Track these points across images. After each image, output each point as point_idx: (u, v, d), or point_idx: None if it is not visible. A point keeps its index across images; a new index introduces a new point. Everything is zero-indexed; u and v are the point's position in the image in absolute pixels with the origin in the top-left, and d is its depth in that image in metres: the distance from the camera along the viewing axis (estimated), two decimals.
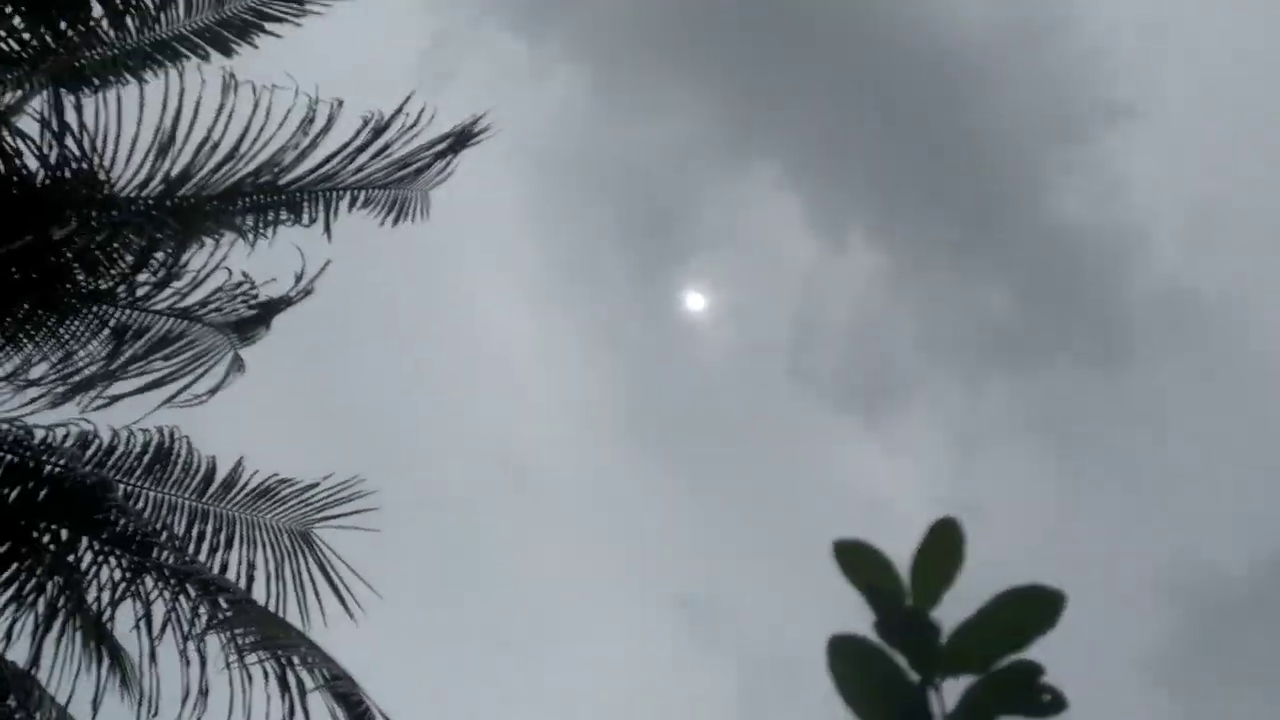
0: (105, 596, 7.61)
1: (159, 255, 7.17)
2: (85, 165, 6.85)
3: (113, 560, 7.74)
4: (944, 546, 1.04)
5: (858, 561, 1.03)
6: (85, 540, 7.76)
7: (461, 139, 8.99)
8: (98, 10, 7.45)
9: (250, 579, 8.49)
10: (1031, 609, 1.03)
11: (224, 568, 8.48)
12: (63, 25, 7.23)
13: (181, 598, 7.65)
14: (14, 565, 7.62)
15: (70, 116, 6.86)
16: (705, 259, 24.34)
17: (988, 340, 22.56)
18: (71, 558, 7.65)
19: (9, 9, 7.21)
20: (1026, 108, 21.79)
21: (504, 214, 22.19)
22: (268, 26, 9.14)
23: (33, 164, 7.00)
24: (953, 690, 1.05)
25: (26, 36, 7.25)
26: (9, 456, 7.39)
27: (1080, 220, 21.68)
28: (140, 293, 7.05)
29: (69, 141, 6.82)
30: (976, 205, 22.16)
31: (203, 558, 8.45)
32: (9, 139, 6.65)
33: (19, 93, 7.01)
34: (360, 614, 8.49)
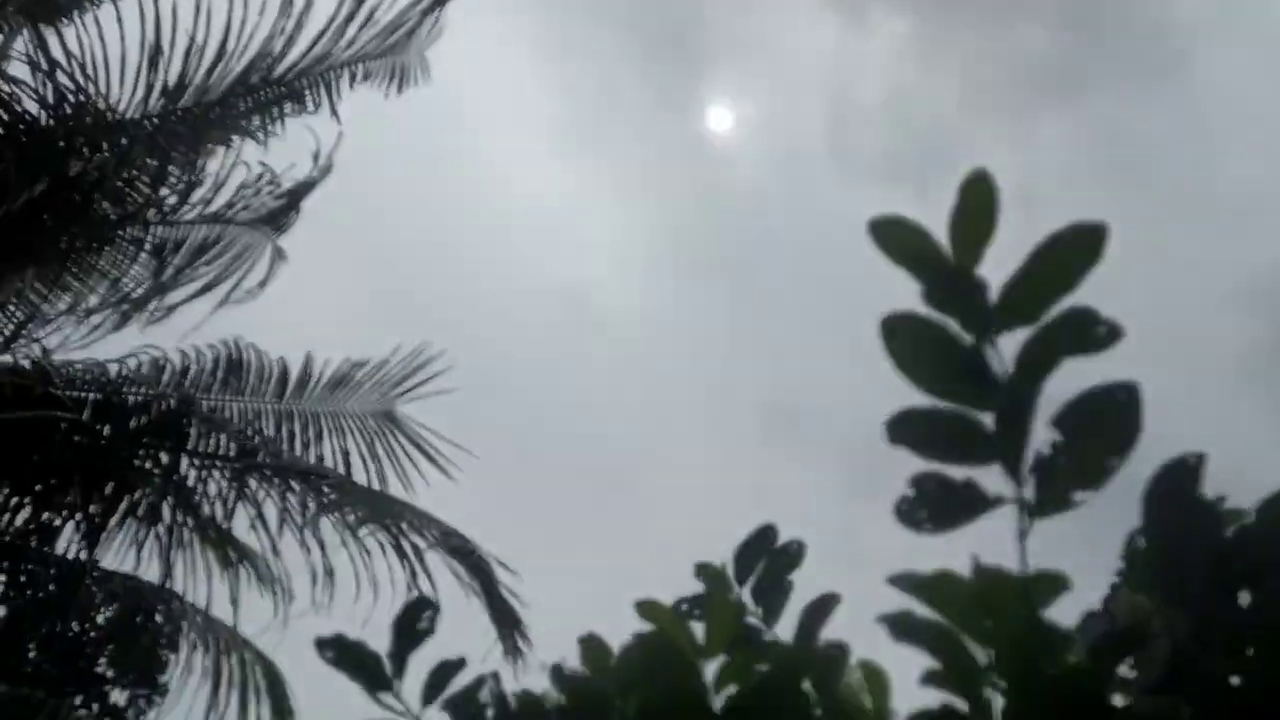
0: (219, 505, 7.97)
1: (175, 170, 7.20)
2: (82, 97, 6.82)
3: (216, 472, 8.06)
4: (978, 203, 1.02)
5: (895, 235, 1.03)
6: (185, 459, 8.08)
7: None
8: None
9: (347, 465, 8.82)
10: (1075, 248, 1.02)
11: (320, 459, 8.80)
12: None
13: (288, 494, 7.99)
14: (125, 498, 7.98)
15: (56, 51, 6.79)
16: (725, 69, 23.52)
17: (1031, 82, 21.60)
18: (176, 477, 7.99)
19: None
20: None
21: (511, 65, 21.56)
22: None
23: (32, 107, 6.99)
24: (1008, 346, 1.06)
25: None
26: (93, 395, 7.64)
27: None
28: (168, 206, 7.12)
29: (60, 77, 6.77)
30: None
31: (298, 454, 8.77)
32: (3, 86, 6.63)
33: None
34: (459, 475, 8.81)
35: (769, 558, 1.56)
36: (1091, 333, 1.04)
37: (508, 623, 7.71)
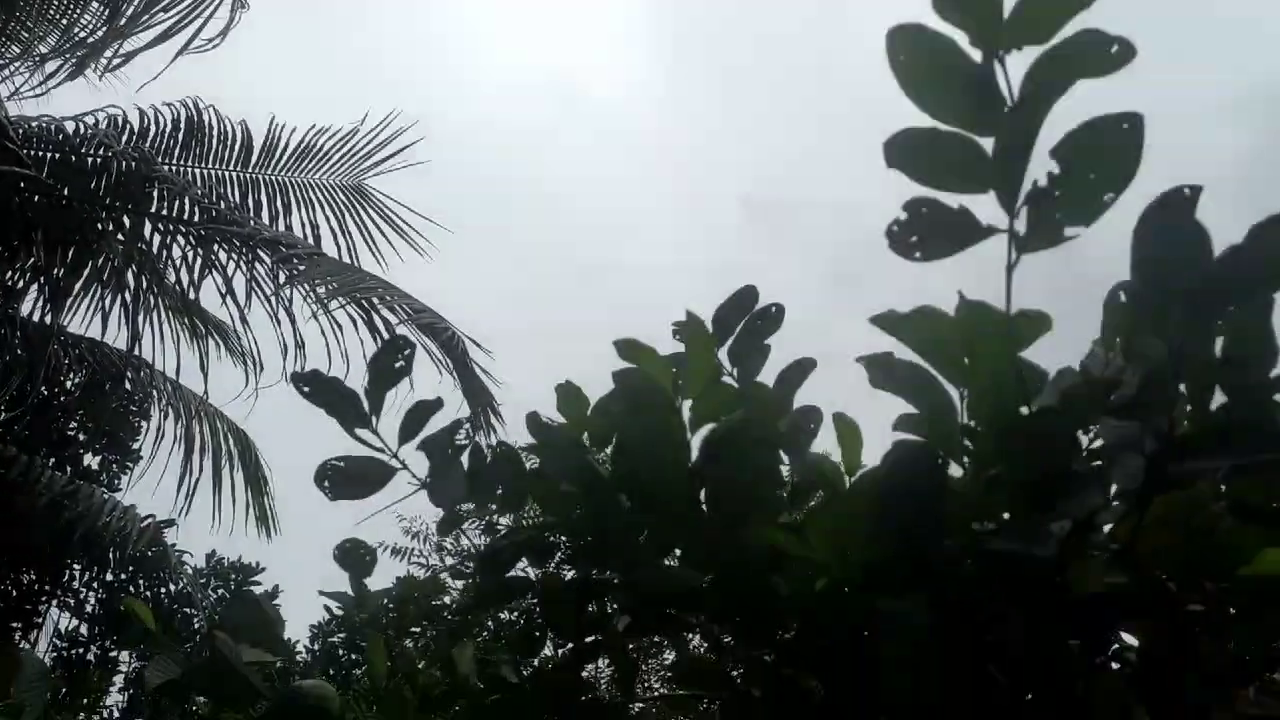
0: (184, 273, 7.87)
1: None
2: None
3: (180, 238, 7.91)
4: None
5: None
6: (149, 224, 7.90)
7: None
8: None
9: (317, 238, 8.67)
10: None
11: (289, 230, 8.64)
12: None
13: (256, 264, 7.88)
14: (89, 263, 7.85)
15: None
16: None
17: None
18: (141, 244, 7.83)
19: None
20: None
21: None
22: None
23: None
24: (1017, 65, 1.02)
25: None
26: (51, 154, 7.40)
27: None
28: None
29: None
30: None
31: (265, 224, 8.61)
32: None
33: None
34: (435, 252, 8.74)
35: (748, 319, 1.55)
36: (1104, 52, 1.00)
37: (480, 400, 7.81)
